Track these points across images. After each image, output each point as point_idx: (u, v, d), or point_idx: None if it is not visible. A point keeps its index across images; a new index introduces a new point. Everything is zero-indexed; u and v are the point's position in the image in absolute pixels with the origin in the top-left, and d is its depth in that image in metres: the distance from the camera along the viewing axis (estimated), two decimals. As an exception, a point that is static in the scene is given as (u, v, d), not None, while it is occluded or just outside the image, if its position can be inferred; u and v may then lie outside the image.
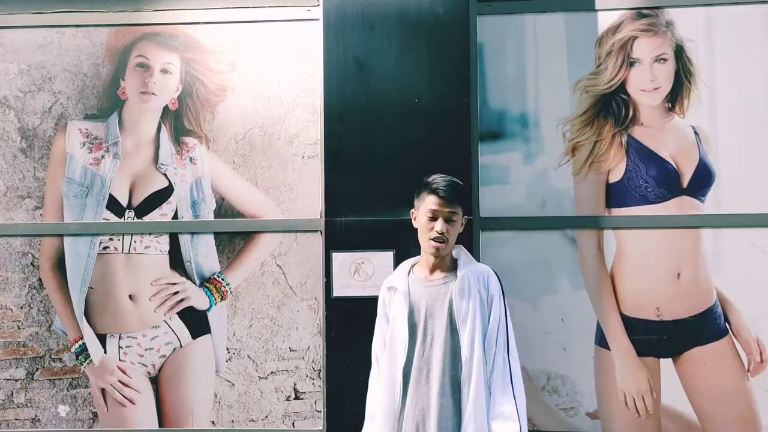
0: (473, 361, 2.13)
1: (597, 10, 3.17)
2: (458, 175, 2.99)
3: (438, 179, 2.21)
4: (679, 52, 3.14)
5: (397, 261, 2.97)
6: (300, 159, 3.25)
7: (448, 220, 2.19)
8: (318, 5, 3.17)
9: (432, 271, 2.28)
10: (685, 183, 3.11)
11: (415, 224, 2.29)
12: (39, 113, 3.31)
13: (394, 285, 2.26)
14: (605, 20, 3.17)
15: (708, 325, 3.08)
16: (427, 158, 3.01)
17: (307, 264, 3.21)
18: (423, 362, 2.17)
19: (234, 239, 3.23)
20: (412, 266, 2.33)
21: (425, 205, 2.20)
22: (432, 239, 2.17)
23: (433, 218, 2.19)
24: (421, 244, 2.26)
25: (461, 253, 2.32)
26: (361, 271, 3.01)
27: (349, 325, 3.00)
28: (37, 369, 3.27)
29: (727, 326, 3.08)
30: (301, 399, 3.22)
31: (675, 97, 3.13)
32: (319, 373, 3.19)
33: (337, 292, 3.02)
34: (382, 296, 2.27)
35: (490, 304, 2.21)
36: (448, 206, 2.18)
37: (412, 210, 2.33)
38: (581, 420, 3.13)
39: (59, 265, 3.25)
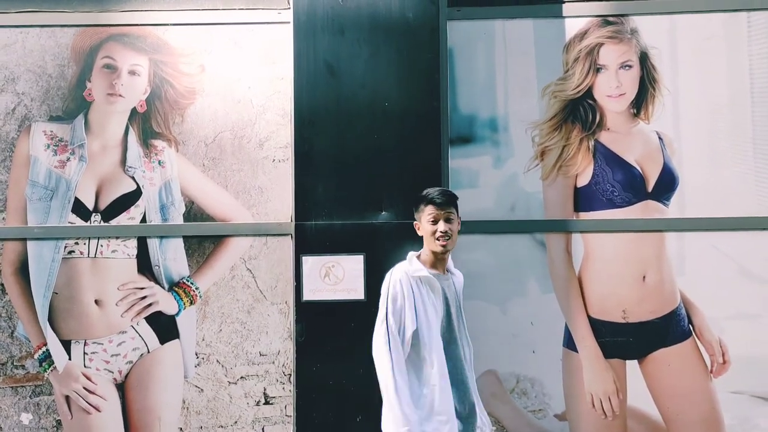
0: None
1: (564, 17, 3.22)
2: (428, 178, 3.03)
3: (431, 190, 2.54)
4: (644, 58, 3.20)
5: (368, 264, 2.98)
6: (270, 162, 3.23)
7: (447, 221, 2.50)
8: (288, 8, 3.16)
9: (435, 268, 2.55)
10: (650, 187, 3.17)
11: (420, 233, 2.56)
12: (2, 115, 3.24)
13: (423, 275, 2.50)
14: (572, 27, 3.22)
15: (672, 327, 3.14)
16: (398, 162, 3.03)
17: (278, 268, 3.20)
18: (453, 343, 2.52)
19: (204, 243, 3.20)
20: (418, 258, 2.57)
21: (426, 213, 2.51)
22: (438, 238, 2.48)
23: (435, 222, 2.49)
24: (429, 246, 2.54)
25: (449, 259, 2.61)
26: (332, 275, 3.01)
27: (320, 329, 2.99)
28: (-1, 376, 3.20)
29: (691, 328, 3.15)
30: (271, 404, 3.19)
31: (640, 103, 3.20)
32: (290, 378, 3.18)
33: (307, 296, 3.01)
34: (403, 285, 2.47)
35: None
36: (444, 209, 2.50)
37: (415, 222, 2.58)
38: (549, 422, 3.17)
39: (22, 270, 3.18)
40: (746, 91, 3.19)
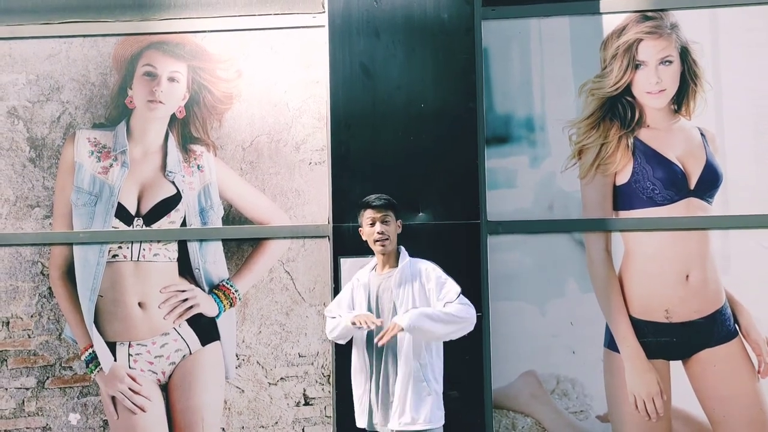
0: (405, 338, 2.58)
1: (602, 14, 3.18)
2: (465, 179, 3.02)
3: (370, 196, 2.71)
4: (685, 54, 3.14)
5: (405, 266, 2.98)
6: (307, 165, 3.26)
7: (383, 222, 2.66)
8: (323, 12, 3.18)
9: (383, 266, 2.71)
10: (693, 184, 3.11)
11: (364, 237, 2.71)
12: (47, 123, 3.33)
13: (359, 278, 2.75)
14: (610, 23, 3.18)
15: (717, 327, 3.07)
16: (434, 163, 3.03)
17: (315, 269, 3.22)
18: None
19: (242, 246, 3.24)
20: (375, 265, 2.77)
21: (365, 217, 2.69)
22: (376, 240, 2.65)
23: (373, 224, 2.66)
24: (371, 247, 2.69)
25: (401, 251, 2.73)
26: (370, 277, 3.01)
27: (358, 330, 3.00)
28: (48, 377, 3.29)
29: (737, 328, 3.08)
30: (311, 405, 3.22)
31: (681, 99, 3.14)
32: (329, 379, 3.20)
33: (345, 298, 3.02)
34: (352, 284, 2.76)
35: (437, 282, 2.63)
36: (381, 212, 2.66)
37: (360, 228, 2.72)
38: (591, 423, 3.13)
39: (69, 274, 3.27)
40: (790, 84, 3.11)
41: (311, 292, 3.23)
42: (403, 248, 2.73)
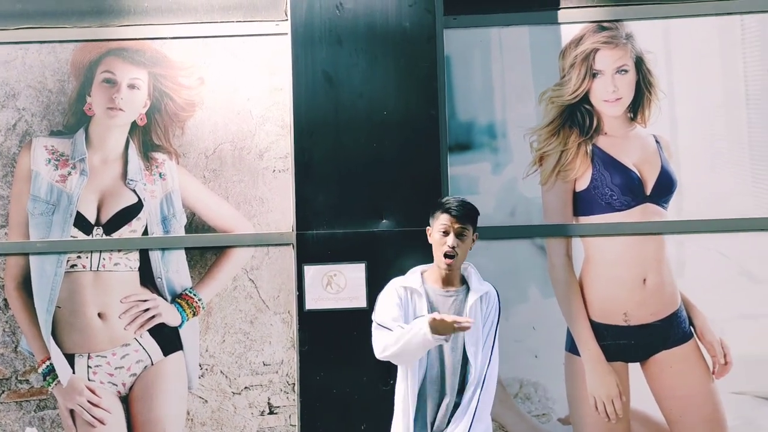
0: (478, 375, 2.37)
1: (560, 23, 3.25)
2: (428, 186, 3.05)
3: (451, 199, 2.42)
4: (640, 63, 3.23)
5: (369, 272, 3.00)
6: (270, 173, 3.25)
7: (458, 236, 2.37)
8: (286, 19, 3.19)
9: (444, 283, 2.43)
10: (649, 190, 3.20)
11: (430, 240, 2.46)
12: (3, 130, 3.26)
13: (412, 287, 2.41)
14: (568, 33, 3.25)
15: (673, 329, 3.16)
16: (397, 170, 3.05)
17: (280, 277, 3.21)
18: (438, 362, 2.39)
19: (205, 254, 3.21)
20: (422, 273, 2.47)
21: (439, 222, 2.39)
22: (444, 254, 2.36)
23: (446, 234, 2.37)
24: (435, 258, 2.43)
25: (471, 272, 2.47)
26: (334, 284, 3.02)
27: (323, 337, 3.00)
28: (3, 391, 3.20)
29: (692, 330, 3.16)
30: (276, 414, 3.20)
31: (636, 107, 3.22)
32: (294, 387, 3.18)
33: (309, 305, 3.02)
34: (398, 292, 2.42)
35: (485, 321, 2.41)
36: (458, 223, 2.37)
37: (428, 227, 2.48)
38: (553, 426, 3.18)
39: (25, 285, 3.19)
40: (741, 92, 3.22)
41: (275, 300, 3.22)
42: (472, 266, 2.45)
